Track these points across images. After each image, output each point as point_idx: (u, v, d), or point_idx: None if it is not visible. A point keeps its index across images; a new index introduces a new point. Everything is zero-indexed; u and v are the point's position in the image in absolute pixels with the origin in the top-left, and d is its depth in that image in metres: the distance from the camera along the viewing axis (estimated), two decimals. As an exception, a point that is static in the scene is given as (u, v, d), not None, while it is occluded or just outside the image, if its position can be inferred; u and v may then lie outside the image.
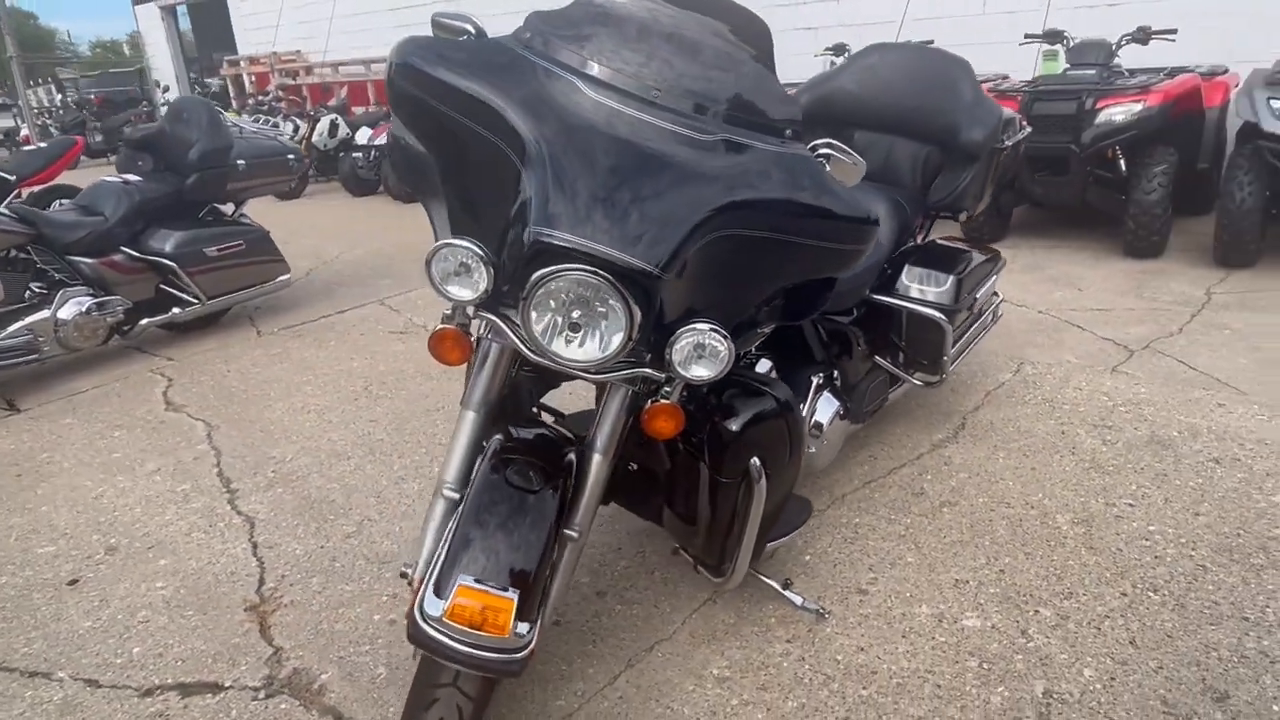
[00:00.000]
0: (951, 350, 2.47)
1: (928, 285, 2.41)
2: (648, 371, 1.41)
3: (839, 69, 2.78)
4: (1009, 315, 3.66)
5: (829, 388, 2.26)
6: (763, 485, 1.60)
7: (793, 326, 2.15)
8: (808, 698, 1.73)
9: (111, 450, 3.05)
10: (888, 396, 2.57)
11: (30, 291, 3.69)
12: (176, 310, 4.10)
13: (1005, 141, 2.54)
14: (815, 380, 2.21)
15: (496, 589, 1.33)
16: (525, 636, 1.34)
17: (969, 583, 2.05)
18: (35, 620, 2.10)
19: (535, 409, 1.82)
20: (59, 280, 3.76)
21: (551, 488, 1.47)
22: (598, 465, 1.51)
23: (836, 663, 1.82)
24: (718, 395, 1.63)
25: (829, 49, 5.95)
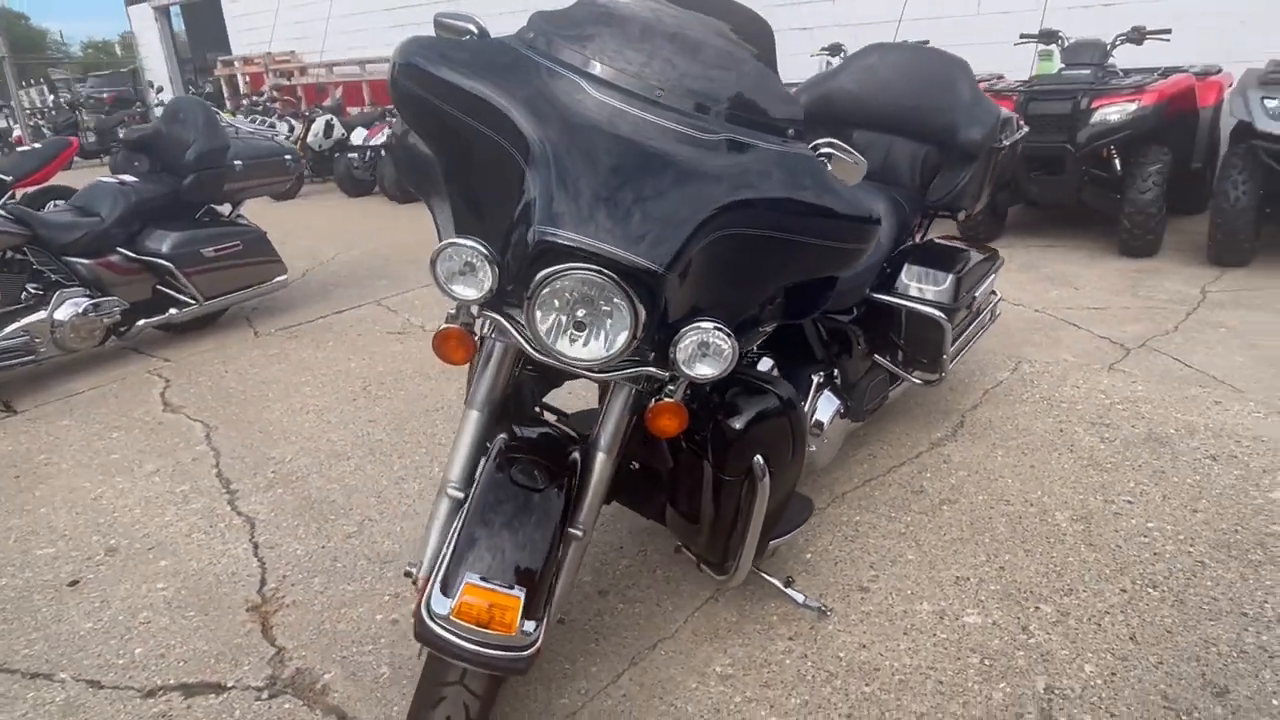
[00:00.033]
0: (951, 349, 2.48)
1: (927, 284, 2.42)
2: (652, 370, 1.41)
3: (838, 69, 2.79)
4: (1006, 314, 3.67)
5: (829, 386, 2.27)
6: (766, 483, 1.61)
7: (793, 325, 2.16)
8: (811, 695, 1.74)
9: (110, 451, 3.04)
10: (888, 395, 2.58)
11: (26, 293, 3.68)
12: (173, 311, 4.09)
13: (1003, 141, 2.55)
14: (816, 379, 2.21)
15: (503, 587, 1.33)
16: (532, 635, 1.35)
17: (969, 580, 2.06)
18: (36, 621, 2.09)
19: (537, 408, 1.82)
20: (55, 281, 3.74)
21: (556, 486, 1.48)
22: (601, 464, 1.52)
23: (839, 660, 1.83)
24: (721, 394, 1.63)
25: (825, 49, 5.97)
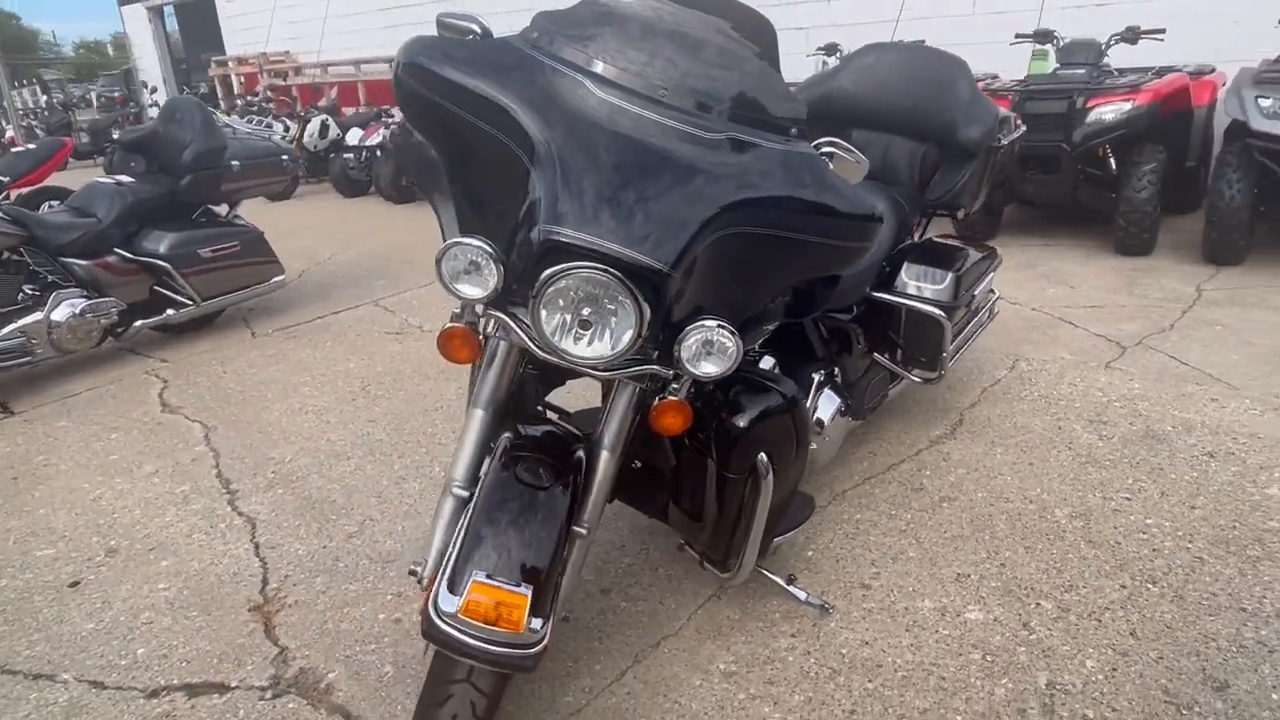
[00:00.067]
0: (950, 347, 2.49)
1: (927, 283, 2.43)
2: (656, 369, 1.42)
3: (837, 68, 2.79)
4: (1003, 312, 3.68)
5: (830, 385, 2.28)
6: (770, 480, 1.61)
7: (794, 324, 2.17)
8: (814, 691, 1.74)
9: (108, 452, 3.03)
10: (887, 393, 2.59)
11: (23, 294, 3.67)
12: (170, 312, 4.08)
13: (1002, 140, 2.57)
14: (817, 377, 2.22)
15: (510, 585, 1.33)
16: (539, 632, 1.35)
17: (970, 576, 2.07)
18: (37, 623, 2.09)
19: (539, 407, 1.82)
20: (52, 282, 3.73)
21: (561, 485, 1.48)
22: (606, 462, 1.53)
23: (842, 656, 1.84)
24: (724, 391, 1.64)
25: (820, 49, 5.99)
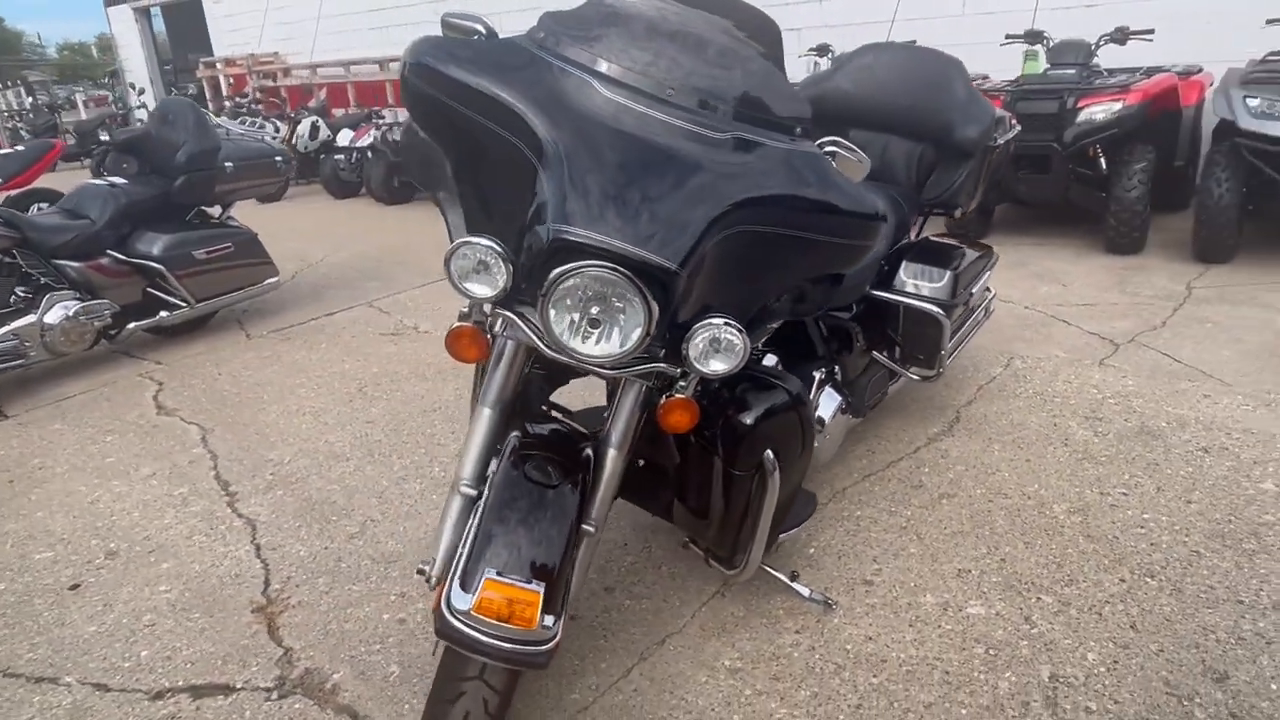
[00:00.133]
0: (948, 344, 2.51)
1: (925, 281, 2.45)
2: (663, 367, 1.42)
3: (834, 69, 2.81)
4: (997, 311, 3.71)
5: (830, 383, 2.29)
6: (776, 477, 1.63)
7: (795, 322, 2.18)
8: (820, 686, 1.76)
9: (104, 455, 3.02)
10: (886, 391, 2.61)
11: (15, 296, 3.64)
12: (164, 313, 4.06)
13: (998, 139, 2.59)
14: (818, 375, 2.23)
15: (522, 582, 1.34)
16: (551, 629, 1.36)
17: (971, 572, 2.09)
18: (38, 626, 2.08)
19: (545, 406, 1.83)
20: (45, 284, 3.70)
21: (570, 483, 1.49)
22: (613, 460, 1.53)
23: (846, 652, 1.85)
24: (730, 389, 1.65)
25: (812, 49, 6.01)
